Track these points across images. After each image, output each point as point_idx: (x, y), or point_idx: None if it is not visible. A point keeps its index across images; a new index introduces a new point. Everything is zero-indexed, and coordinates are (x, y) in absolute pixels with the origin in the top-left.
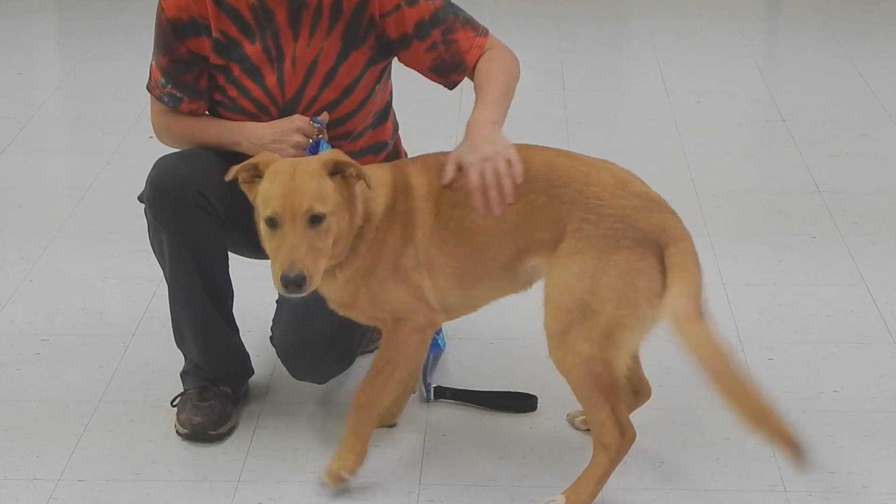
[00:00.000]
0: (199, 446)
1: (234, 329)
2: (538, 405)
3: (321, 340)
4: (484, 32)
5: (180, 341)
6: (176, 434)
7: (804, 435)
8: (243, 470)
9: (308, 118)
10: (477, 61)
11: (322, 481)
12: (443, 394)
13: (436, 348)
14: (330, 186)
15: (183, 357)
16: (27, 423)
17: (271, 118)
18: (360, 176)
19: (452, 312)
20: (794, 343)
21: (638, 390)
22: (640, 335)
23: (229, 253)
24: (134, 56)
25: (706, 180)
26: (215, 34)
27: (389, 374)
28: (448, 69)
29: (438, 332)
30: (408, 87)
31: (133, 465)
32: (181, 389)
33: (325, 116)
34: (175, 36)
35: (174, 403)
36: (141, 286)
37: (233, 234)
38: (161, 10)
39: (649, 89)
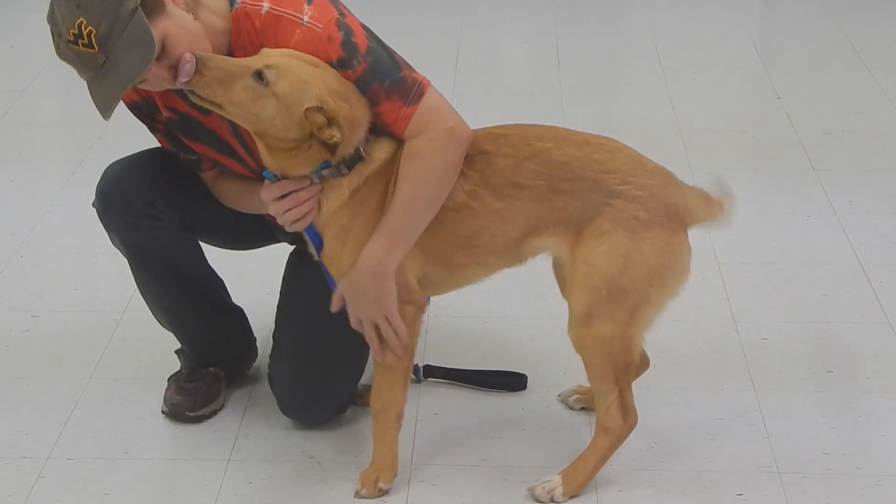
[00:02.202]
0: (190, 425)
1: (228, 313)
2: (529, 384)
3: (322, 397)
4: (415, 98)
5: (160, 323)
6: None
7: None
8: (234, 449)
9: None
10: (405, 133)
11: (359, 492)
12: (432, 373)
13: None
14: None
15: None
16: (16, 400)
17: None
18: (333, 121)
19: (438, 289)
20: (788, 322)
21: (639, 362)
22: (662, 311)
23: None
24: None
25: (700, 157)
26: (166, 112)
27: (393, 368)
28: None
29: None
30: None
31: (123, 443)
32: (172, 367)
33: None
34: (146, 119)
35: (169, 379)
36: None
37: (200, 235)
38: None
39: (644, 65)
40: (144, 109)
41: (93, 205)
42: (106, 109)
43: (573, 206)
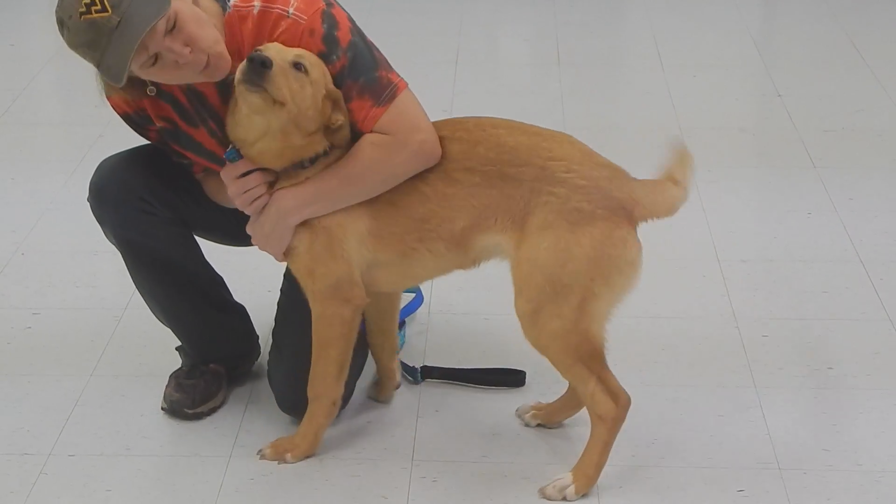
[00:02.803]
0: (191, 421)
1: (228, 311)
2: (528, 381)
3: None
4: (386, 100)
5: (160, 321)
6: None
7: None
8: (235, 445)
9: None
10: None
11: (262, 452)
12: (430, 373)
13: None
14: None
15: None
16: (18, 397)
17: None
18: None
19: (389, 278)
20: (788, 319)
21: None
22: (614, 304)
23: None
24: None
25: (701, 155)
26: (159, 123)
27: (325, 359)
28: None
29: (401, 325)
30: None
31: (124, 439)
32: (172, 364)
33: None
34: (138, 128)
35: (171, 375)
36: None
37: (195, 230)
38: (113, 109)
39: (645, 64)
40: (137, 121)
41: (87, 199)
42: (120, 72)
43: (520, 195)
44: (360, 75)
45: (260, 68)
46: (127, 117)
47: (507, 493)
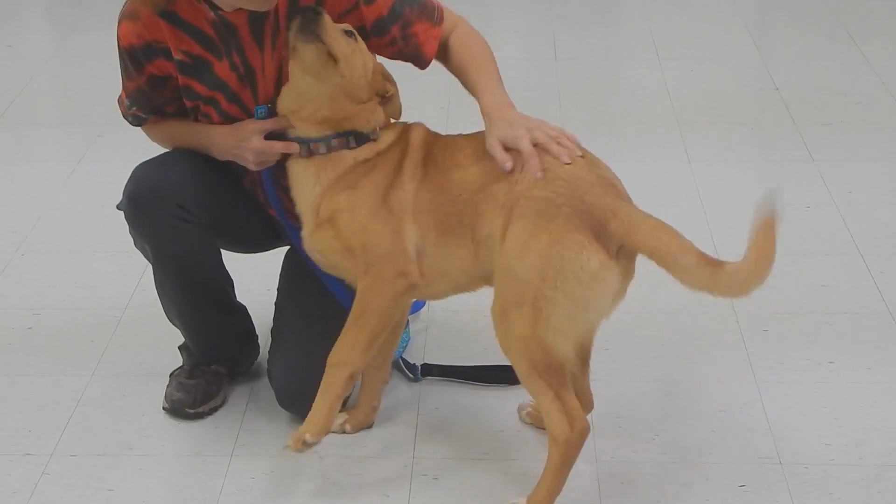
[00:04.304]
0: (192, 421)
1: (232, 312)
2: None
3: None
4: (439, 19)
5: (170, 320)
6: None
7: None
8: (236, 444)
9: (263, 123)
10: (439, 49)
11: (286, 447)
12: (430, 371)
13: (405, 338)
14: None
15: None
16: (19, 397)
17: None
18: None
19: (426, 273)
20: (788, 314)
21: (584, 360)
22: (573, 317)
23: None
24: None
25: (699, 150)
26: (177, 56)
27: (361, 327)
28: (408, 59)
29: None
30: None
31: (126, 439)
32: (173, 363)
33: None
34: (133, 64)
35: (171, 374)
36: (133, 259)
37: (220, 237)
38: (118, 39)
39: (642, 58)
40: (136, 59)
41: (118, 207)
42: None
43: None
44: (414, 2)
45: (313, 16)
46: (132, 52)
47: (508, 491)
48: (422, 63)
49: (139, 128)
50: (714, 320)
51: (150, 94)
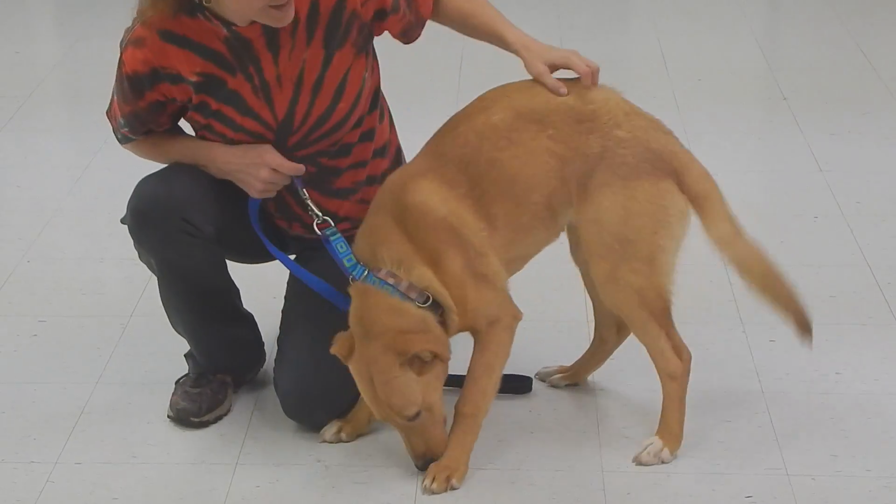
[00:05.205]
0: (197, 429)
1: (238, 322)
2: (535, 386)
3: (324, 400)
4: None
5: (176, 330)
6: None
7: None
8: (241, 453)
9: (279, 158)
10: (434, 7)
11: (427, 488)
12: None
13: None
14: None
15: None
16: (24, 405)
17: (268, 141)
18: (437, 356)
19: (511, 269)
20: None
21: (620, 325)
22: (676, 256)
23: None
24: None
25: (706, 159)
26: (190, 77)
27: (489, 377)
28: (412, 28)
29: None
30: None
31: (131, 447)
32: (179, 371)
33: (300, 169)
34: (133, 91)
35: (177, 382)
36: (139, 267)
37: (225, 249)
38: (121, 64)
39: (650, 67)
40: (138, 86)
41: (122, 221)
42: None
43: (581, 146)
44: None
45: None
46: (135, 79)
47: (513, 500)
48: (420, 25)
49: (126, 145)
50: (721, 330)
51: (146, 119)
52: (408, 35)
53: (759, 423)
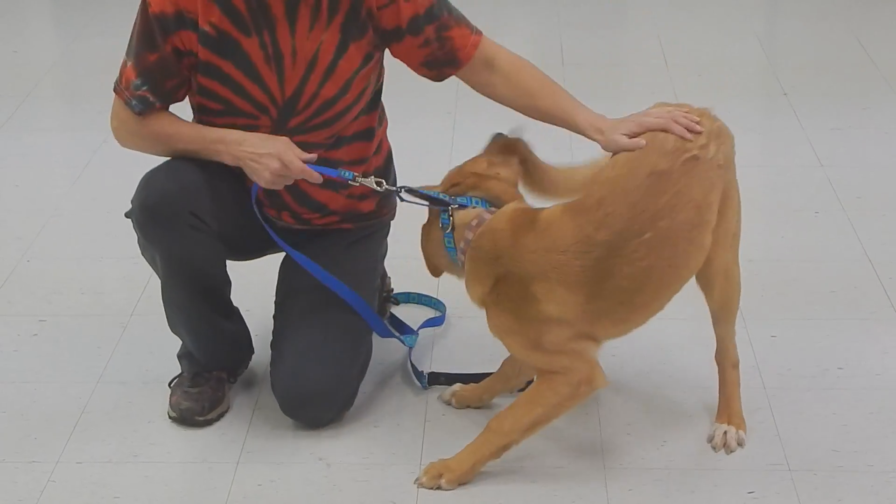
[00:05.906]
0: (199, 428)
1: (232, 316)
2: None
3: (321, 396)
4: (477, 32)
5: (174, 330)
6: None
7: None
8: (242, 451)
9: (293, 156)
10: (484, 64)
11: (419, 478)
12: (437, 379)
13: (410, 341)
14: None
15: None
16: (25, 404)
17: (270, 118)
18: None
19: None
20: (797, 320)
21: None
22: None
23: None
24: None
25: None
26: (204, 27)
27: (530, 411)
28: (440, 64)
29: (416, 331)
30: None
31: (131, 446)
32: (179, 370)
33: (313, 157)
34: (161, 32)
35: (171, 384)
36: (139, 266)
37: (228, 246)
38: (146, 5)
39: (649, 63)
40: (165, 27)
41: (126, 215)
42: None
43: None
44: (452, 9)
45: None
46: (162, 18)
47: (515, 498)
48: (455, 66)
49: (128, 143)
50: None
51: (170, 69)
52: (435, 69)
53: (761, 418)
